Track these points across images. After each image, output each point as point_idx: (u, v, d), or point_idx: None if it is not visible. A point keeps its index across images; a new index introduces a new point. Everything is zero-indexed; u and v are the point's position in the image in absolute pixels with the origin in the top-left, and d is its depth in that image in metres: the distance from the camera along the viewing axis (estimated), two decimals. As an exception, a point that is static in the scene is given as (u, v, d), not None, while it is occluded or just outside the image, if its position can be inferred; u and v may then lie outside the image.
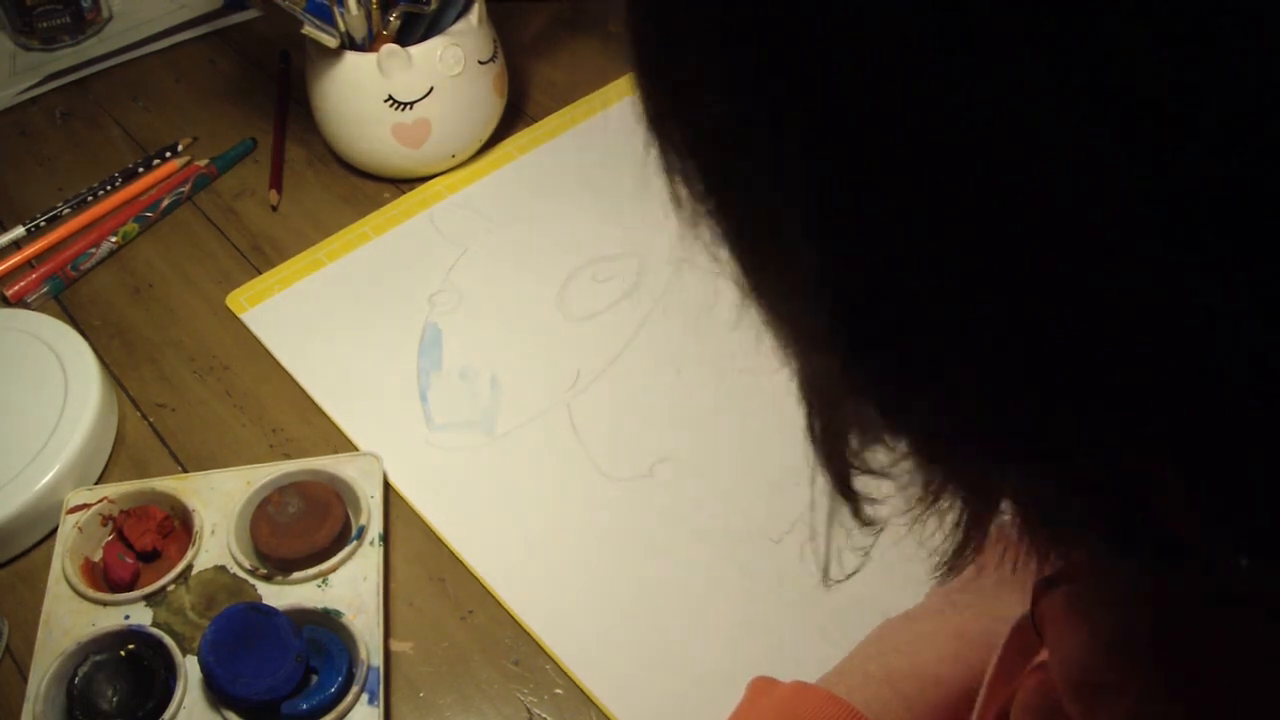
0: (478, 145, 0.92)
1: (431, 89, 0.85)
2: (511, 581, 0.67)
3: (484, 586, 0.67)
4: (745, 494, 0.69)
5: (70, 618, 0.64)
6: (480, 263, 0.85)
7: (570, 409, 0.75)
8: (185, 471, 0.73)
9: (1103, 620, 0.30)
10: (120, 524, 0.69)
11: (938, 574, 0.29)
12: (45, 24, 1.05)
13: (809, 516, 0.70)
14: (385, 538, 0.68)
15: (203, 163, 0.93)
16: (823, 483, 0.29)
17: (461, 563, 0.68)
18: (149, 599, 0.65)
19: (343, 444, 0.74)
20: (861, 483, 0.27)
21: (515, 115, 0.95)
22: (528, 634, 0.65)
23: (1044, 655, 0.36)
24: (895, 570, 0.63)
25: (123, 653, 0.63)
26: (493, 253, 0.85)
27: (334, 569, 0.65)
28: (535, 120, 0.95)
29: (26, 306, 0.84)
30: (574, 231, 0.85)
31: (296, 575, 0.65)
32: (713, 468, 0.71)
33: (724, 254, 0.24)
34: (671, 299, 0.81)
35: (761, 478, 0.69)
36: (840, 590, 0.63)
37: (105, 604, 0.65)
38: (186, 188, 0.91)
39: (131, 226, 0.89)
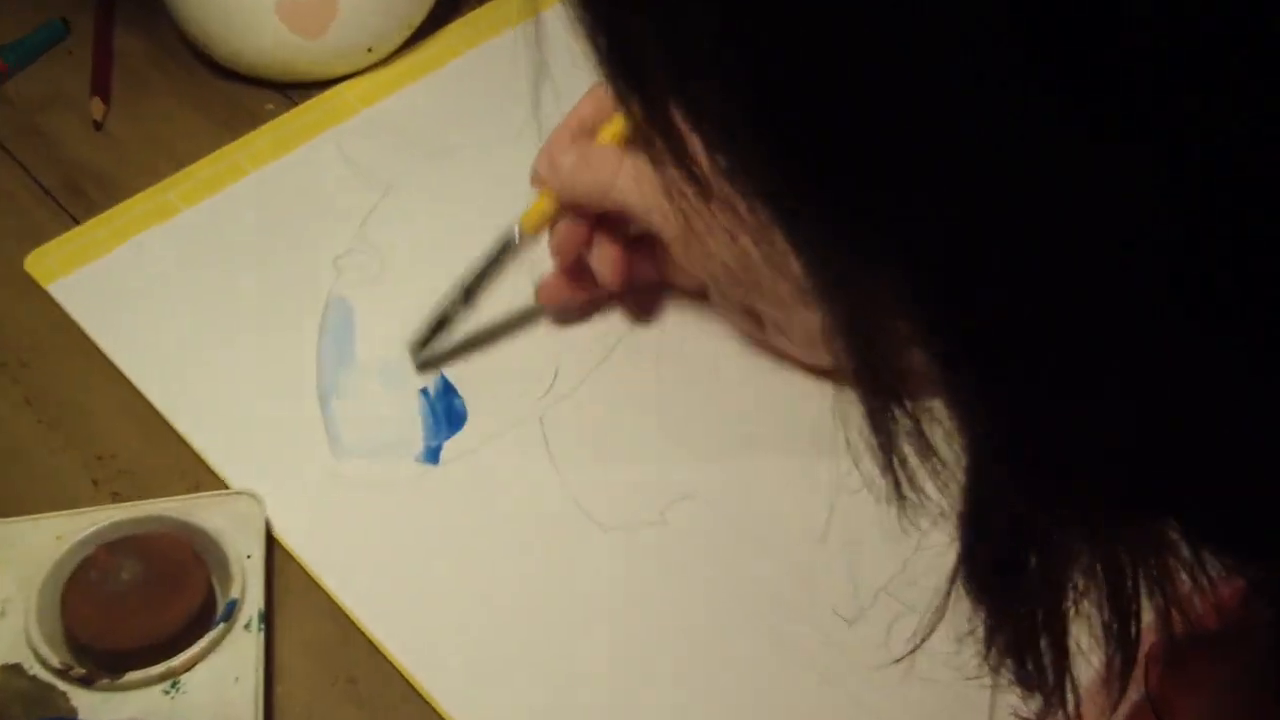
0: (405, 35, 0.81)
1: (337, -49, 0.76)
2: (454, 682, 0.58)
3: (415, 689, 0.58)
4: (798, 547, 0.61)
5: None
6: (409, 209, 0.75)
7: (544, 423, 0.67)
8: (-42, 519, 0.65)
9: (1227, 694, 0.37)
10: None
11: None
12: None
13: (899, 580, 0.64)
14: (267, 618, 0.60)
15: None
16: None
17: (382, 654, 0.59)
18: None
19: (204, 477, 0.65)
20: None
21: (458, -6, 0.87)
22: (479, 761, 0.57)
23: None
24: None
25: None
26: (427, 194, 0.76)
27: (190, 665, 0.57)
28: (485, 1, 0.85)
29: None
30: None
31: (133, 676, 0.56)
32: (748, 510, 0.63)
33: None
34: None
35: (822, 522, 0.61)
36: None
37: None
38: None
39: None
